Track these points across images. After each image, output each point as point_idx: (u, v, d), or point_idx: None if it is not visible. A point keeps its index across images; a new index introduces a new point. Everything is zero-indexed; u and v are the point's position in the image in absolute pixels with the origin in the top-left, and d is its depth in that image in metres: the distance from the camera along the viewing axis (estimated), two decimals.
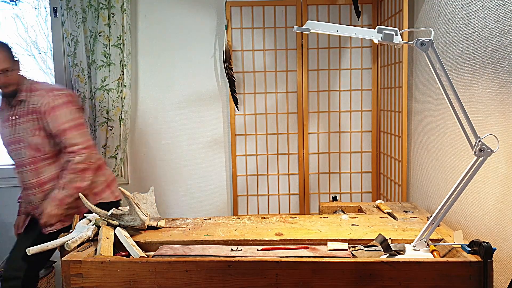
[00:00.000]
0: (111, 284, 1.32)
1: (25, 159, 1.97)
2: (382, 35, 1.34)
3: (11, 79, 1.92)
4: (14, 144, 1.98)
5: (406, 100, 2.21)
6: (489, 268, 1.24)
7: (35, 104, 1.94)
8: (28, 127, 1.94)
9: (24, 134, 1.95)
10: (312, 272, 1.28)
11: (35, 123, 1.94)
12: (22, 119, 1.96)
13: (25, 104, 1.96)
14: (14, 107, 1.98)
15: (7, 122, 1.99)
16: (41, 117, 1.93)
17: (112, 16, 2.59)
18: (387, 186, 2.58)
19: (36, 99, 1.95)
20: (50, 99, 1.94)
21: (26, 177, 2.00)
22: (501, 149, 1.40)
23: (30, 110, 1.95)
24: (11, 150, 2.02)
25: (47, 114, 1.92)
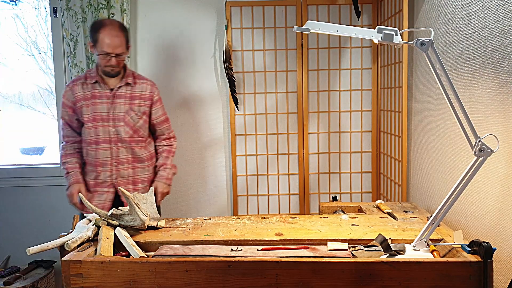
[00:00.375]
0: (111, 284, 1.32)
1: (124, 136, 2.09)
2: (382, 35, 1.34)
3: (121, 63, 2.05)
4: (109, 121, 2.08)
5: (406, 100, 2.21)
6: (489, 268, 1.24)
7: (144, 91, 2.14)
8: (135, 110, 2.10)
9: (124, 114, 2.09)
10: (312, 272, 1.28)
11: (142, 108, 2.13)
12: (127, 100, 2.10)
13: (130, 88, 2.11)
14: (118, 87, 2.09)
15: (104, 98, 2.07)
16: (150, 104, 2.15)
17: (112, 16, 2.59)
18: (387, 186, 2.58)
19: (144, 86, 2.15)
20: (157, 91, 2.20)
21: (119, 153, 2.10)
22: (501, 149, 1.40)
23: (138, 96, 2.12)
24: (100, 126, 2.07)
25: (155, 103, 2.17)
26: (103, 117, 2.08)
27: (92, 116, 2.07)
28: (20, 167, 2.93)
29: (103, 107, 2.08)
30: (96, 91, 2.08)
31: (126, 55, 2.06)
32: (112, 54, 1.98)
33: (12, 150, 3.23)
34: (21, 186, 2.89)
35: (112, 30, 1.97)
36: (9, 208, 2.91)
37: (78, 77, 2.13)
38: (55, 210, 2.90)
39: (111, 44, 1.96)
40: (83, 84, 2.09)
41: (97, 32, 1.98)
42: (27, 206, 2.90)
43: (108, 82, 2.09)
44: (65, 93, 2.12)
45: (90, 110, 2.07)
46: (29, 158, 3.19)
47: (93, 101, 2.07)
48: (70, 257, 1.36)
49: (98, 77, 2.08)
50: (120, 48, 1.99)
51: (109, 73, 2.05)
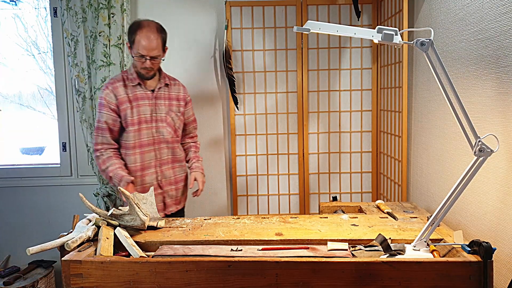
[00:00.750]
0: (111, 284, 1.32)
1: (167, 137, 2.10)
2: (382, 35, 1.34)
3: (156, 65, 2.03)
4: (153, 122, 2.07)
5: (406, 100, 2.21)
6: (489, 268, 1.24)
7: (179, 92, 2.17)
8: (174, 110, 2.13)
9: (166, 115, 2.10)
10: (312, 272, 1.28)
11: (180, 109, 2.16)
12: (166, 101, 2.11)
13: (168, 89, 2.13)
14: (158, 88, 2.08)
15: (146, 100, 2.06)
16: (184, 104, 2.18)
17: (112, 16, 2.59)
18: (387, 186, 2.58)
19: (178, 88, 2.18)
20: (188, 92, 2.24)
21: (162, 153, 2.11)
22: (501, 149, 1.40)
23: (175, 96, 2.14)
24: (144, 128, 2.05)
25: (188, 104, 2.22)
26: (147, 119, 2.05)
27: (138, 118, 2.04)
28: (20, 167, 2.93)
29: (146, 108, 2.05)
30: (138, 92, 2.05)
31: (162, 58, 2.03)
32: (147, 56, 1.94)
33: (12, 150, 3.23)
34: (21, 186, 2.89)
35: (149, 32, 1.93)
36: (9, 208, 2.91)
37: (116, 79, 2.07)
38: (55, 210, 2.90)
39: (147, 47, 1.92)
40: (124, 86, 2.04)
41: (134, 33, 1.94)
42: (27, 206, 2.90)
43: (147, 83, 2.07)
44: (106, 95, 2.02)
45: (135, 113, 2.03)
46: (29, 158, 3.19)
47: (137, 103, 2.04)
48: (70, 257, 1.36)
49: (139, 78, 2.04)
50: (156, 51, 1.96)
51: (143, 76, 2.02)
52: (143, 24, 1.95)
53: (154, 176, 2.10)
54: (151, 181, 2.09)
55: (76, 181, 2.89)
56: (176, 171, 2.18)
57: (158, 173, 2.10)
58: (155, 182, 2.10)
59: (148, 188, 2.03)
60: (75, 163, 2.87)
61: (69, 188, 2.89)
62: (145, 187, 2.07)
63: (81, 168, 2.88)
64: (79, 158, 2.87)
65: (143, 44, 1.92)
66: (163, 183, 2.12)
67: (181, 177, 2.21)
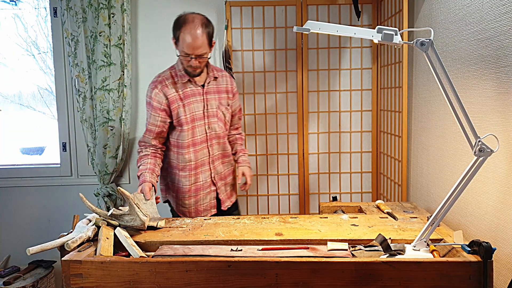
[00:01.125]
0: (111, 284, 1.32)
1: (218, 132, 2.04)
2: (382, 35, 1.34)
3: (203, 63, 1.93)
4: (205, 118, 2.00)
5: (406, 100, 2.21)
6: (489, 268, 1.24)
7: (227, 84, 2.08)
8: (224, 104, 2.05)
9: (216, 110, 2.03)
10: (312, 272, 1.28)
11: (228, 101, 2.08)
12: (216, 95, 2.03)
13: (217, 82, 2.05)
14: (207, 83, 2.01)
15: (198, 96, 1.98)
16: (232, 96, 2.11)
17: (112, 16, 2.59)
18: (387, 186, 2.58)
19: (226, 79, 2.09)
20: (235, 83, 2.15)
21: (214, 150, 2.05)
22: (501, 149, 1.40)
23: (223, 89, 2.06)
24: (197, 126, 1.99)
25: (235, 95, 2.13)
26: (199, 116, 1.98)
27: (191, 116, 1.96)
28: (20, 167, 2.93)
29: (198, 105, 1.98)
30: (189, 89, 1.96)
31: (208, 56, 1.90)
32: (193, 55, 1.85)
33: (12, 150, 3.23)
34: (21, 186, 2.89)
35: (193, 29, 1.80)
36: (9, 208, 2.91)
37: (164, 76, 1.97)
38: (55, 210, 2.90)
39: (192, 45, 1.81)
40: (174, 83, 1.96)
41: (178, 29, 1.84)
42: (27, 206, 2.90)
43: (196, 79, 1.98)
44: (155, 96, 1.94)
45: (187, 111, 1.95)
46: (29, 158, 3.19)
47: (188, 101, 1.96)
48: (70, 257, 1.36)
49: (183, 76, 1.96)
50: (202, 49, 1.84)
51: (190, 74, 1.94)
52: (187, 19, 1.83)
53: (208, 173, 2.05)
54: (205, 178, 2.04)
55: (76, 181, 2.89)
56: (225, 165, 2.14)
57: (211, 170, 2.05)
58: (209, 179, 2.06)
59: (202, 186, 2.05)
60: (75, 163, 2.87)
61: (69, 188, 2.89)
62: (198, 186, 2.04)
63: (81, 168, 2.88)
64: (79, 158, 2.87)
65: (188, 42, 1.81)
66: (216, 179, 2.08)
67: (229, 171, 2.17)
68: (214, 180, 2.08)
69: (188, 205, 2.06)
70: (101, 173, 2.72)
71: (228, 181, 2.17)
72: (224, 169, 2.13)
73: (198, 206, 2.06)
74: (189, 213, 2.07)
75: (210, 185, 2.07)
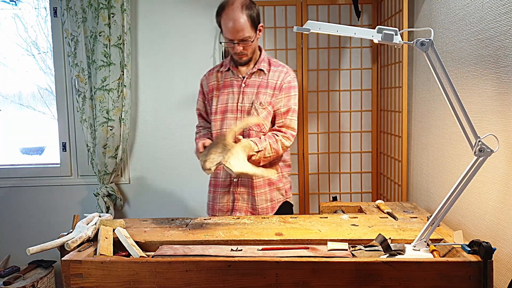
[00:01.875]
0: (111, 284, 1.32)
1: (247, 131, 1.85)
2: (382, 35, 1.34)
3: (249, 49, 1.79)
4: (237, 112, 1.85)
5: (406, 100, 2.21)
6: (489, 268, 1.24)
7: (274, 79, 1.86)
8: (262, 100, 1.84)
9: (250, 105, 1.84)
10: (312, 272, 1.28)
11: (269, 98, 1.85)
12: (256, 89, 1.85)
13: (264, 76, 1.87)
14: (249, 75, 1.86)
15: (235, 87, 1.86)
16: (276, 93, 1.85)
17: (112, 16, 2.59)
18: (387, 186, 2.58)
19: (277, 74, 1.87)
20: (291, 77, 1.88)
21: None
22: (501, 149, 1.40)
23: (268, 84, 1.86)
24: (227, 118, 1.86)
25: (283, 90, 1.85)
26: (232, 108, 1.85)
27: (221, 107, 1.87)
28: (20, 167, 2.93)
29: (233, 97, 1.86)
30: (228, 79, 1.88)
31: (252, 39, 1.75)
32: (235, 40, 1.74)
33: (12, 150, 3.23)
34: (21, 186, 2.89)
35: (232, 12, 1.70)
36: (9, 208, 2.91)
37: (216, 66, 1.96)
38: (55, 210, 2.90)
39: (232, 29, 1.71)
40: (218, 73, 1.90)
41: (219, 15, 1.75)
42: (27, 206, 2.90)
43: (241, 69, 1.87)
44: (202, 82, 1.95)
45: (219, 101, 1.87)
46: (29, 158, 3.19)
47: (223, 91, 1.87)
48: (70, 257, 1.36)
49: (231, 64, 1.88)
50: (243, 32, 1.72)
51: (237, 62, 1.84)
52: (225, 4, 1.73)
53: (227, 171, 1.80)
54: (224, 176, 1.90)
55: (76, 181, 2.89)
56: None
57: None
58: (228, 178, 1.90)
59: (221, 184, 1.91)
60: (75, 163, 2.87)
61: (69, 188, 2.89)
62: (217, 182, 1.93)
63: (81, 168, 2.88)
64: (79, 158, 2.87)
65: (228, 26, 1.71)
66: (237, 183, 1.88)
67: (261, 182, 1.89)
68: (234, 182, 1.90)
69: (208, 199, 2.01)
70: (101, 173, 2.72)
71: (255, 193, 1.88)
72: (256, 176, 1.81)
73: (214, 204, 1.96)
74: (208, 208, 2.00)
75: (229, 186, 1.91)
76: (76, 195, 2.89)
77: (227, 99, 1.87)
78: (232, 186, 1.91)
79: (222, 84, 1.89)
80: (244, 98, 1.85)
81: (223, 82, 1.89)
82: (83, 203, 2.89)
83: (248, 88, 1.85)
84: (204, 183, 2.87)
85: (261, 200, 1.90)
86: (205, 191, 2.88)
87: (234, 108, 1.85)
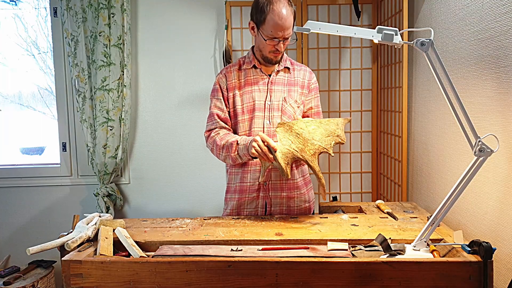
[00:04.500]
0: (111, 284, 1.32)
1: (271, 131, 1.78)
2: (382, 35, 1.34)
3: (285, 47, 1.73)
4: (267, 110, 1.78)
5: (406, 100, 2.21)
6: (489, 268, 1.24)
7: (301, 78, 1.84)
8: (294, 97, 1.81)
9: (282, 103, 1.78)
10: (312, 272, 1.28)
11: (299, 97, 1.82)
12: (285, 87, 1.80)
13: (289, 74, 1.83)
14: (276, 72, 1.80)
15: (261, 85, 1.79)
16: (305, 92, 1.84)
17: (112, 16, 2.59)
18: (387, 186, 2.58)
19: (302, 73, 1.85)
20: (315, 78, 1.89)
21: None
22: (501, 149, 1.40)
23: (295, 82, 1.82)
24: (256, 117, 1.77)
25: (312, 90, 1.86)
26: (260, 107, 1.78)
27: (248, 106, 1.78)
28: (20, 167, 2.93)
29: (260, 94, 1.78)
30: (252, 77, 1.80)
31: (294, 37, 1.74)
32: (280, 38, 1.66)
33: (12, 150, 3.23)
34: (21, 186, 2.89)
35: (283, 8, 1.62)
36: (9, 208, 2.91)
37: (232, 64, 1.86)
38: (55, 210, 2.90)
39: (282, 26, 1.62)
40: (239, 70, 1.82)
41: (263, 11, 1.64)
42: (27, 206, 2.90)
43: (266, 68, 1.81)
44: (218, 80, 1.83)
45: (245, 100, 1.78)
46: (29, 158, 3.20)
47: (247, 89, 1.79)
48: (70, 257, 1.36)
49: (256, 61, 1.80)
50: (290, 30, 1.65)
51: (271, 61, 1.75)
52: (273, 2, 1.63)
53: (257, 174, 1.79)
54: (253, 180, 1.80)
55: (76, 181, 2.89)
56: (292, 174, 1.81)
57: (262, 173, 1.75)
58: (257, 182, 1.80)
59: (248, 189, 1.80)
60: (75, 163, 2.88)
61: (69, 188, 2.89)
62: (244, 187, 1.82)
63: (81, 168, 2.88)
64: (79, 158, 2.87)
65: (278, 23, 1.62)
66: (268, 186, 1.80)
67: (297, 183, 1.83)
68: (264, 186, 1.80)
69: (229, 206, 1.86)
70: (101, 173, 2.72)
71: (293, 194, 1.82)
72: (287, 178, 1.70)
73: (240, 210, 1.84)
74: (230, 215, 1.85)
75: (258, 190, 1.81)
76: (76, 195, 2.89)
77: (252, 97, 1.78)
78: (262, 191, 1.82)
79: (244, 82, 1.80)
80: (272, 95, 1.79)
81: (245, 79, 1.80)
82: (83, 203, 2.89)
83: (275, 85, 1.80)
84: (204, 183, 2.88)
85: (300, 201, 1.85)
86: (205, 191, 2.89)
87: (262, 106, 1.78)
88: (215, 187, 2.88)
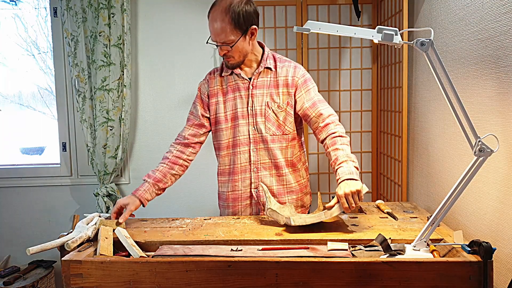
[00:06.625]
0: (111, 284, 1.32)
1: (266, 136, 1.73)
2: (382, 35, 1.34)
3: (236, 52, 1.65)
4: (250, 117, 1.73)
5: (406, 100, 2.21)
6: (489, 268, 1.24)
7: (284, 75, 1.73)
8: (277, 101, 1.72)
9: (265, 107, 1.72)
10: (312, 272, 1.28)
11: (285, 98, 1.72)
12: (267, 90, 1.72)
13: (272, 74, 1.74)
14: (257, 75, 1.73)
15: (243, 91, 1.73)
16: (291, 91, 1.73)
17: (112, 16, 2.59)
18: (387, 186, 2.58)
19: (285, 70, 1.74)
20: (302, 70, 1.76)
21: (259, 156, 1.75)
22: (501, 149, 1.40)
23: (278, 83, 1.73)
24: (239, 125, 1.74)
25: (300, 86, 1.73)
26: (243, 113, 1.73)
27: (231, 113, 1.74)
28: (20, 167, 2.93)
29: (242, 101, 1.73)
30: (233, 83, 1.74)
31: (233, 43, 1.62)
32: (218, 43, 1.65)
33: (12, 150, 3.23)
34: (21, 186, 2.89)
35: (213, 15, 1.63)
36: (9, 208, 2.91)
37: (215, 68, 1.81)
38: (55, 210, 2.90)
39: (212, 32, 1.65)
40: (221, 77, 1.77)
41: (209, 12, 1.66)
42: (27, 206, 2.90)
43: (246, 71, 1.74)
44: (201, 86, 1.80)
45: (228, 107, 1.74)
46: (29, 158, 3.20)
47: (229, 96, 1.74)
48: (70, 257, 1.36)
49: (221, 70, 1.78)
50: (223, 36, 1.62)
51: (226, 64, 1.71)
52: (214, 3, 1.65)
53: (247, 182, 1.77)
54: (244, 188, 1.78)
55: (76, 181, 2.89)
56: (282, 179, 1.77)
57: (252, 179, 1.76)
58: (248, 189, 1.78)
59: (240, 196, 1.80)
60: (75, 163, 2.88)
61: (69, 188, 2.89)
62: (236, 195, 1.81)
63: (81, 168, 2.88)
64: (79, 158, 2.87)
65: (210, 29, 1.66)
66: (259, 193, 1.78)
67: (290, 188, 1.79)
68: (255, 192, 1.78)
69: (224, 214, 1.87)
70: (101, 173, 2.72)
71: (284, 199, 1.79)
72: (273, 184, 1.76)
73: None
74: None
75: (250, 197, 1.79)
76: (76, 195, 2.89)
77: (235, 104, 1.74)
78: (254, 198, 1.80)
79: (226, 89, 1.76)
80: (254, 101, 1.72)
81: (227, 86, 1.76)
82: (83, 203, 2.89)
83: (257, 89, 1.73)
84: (204, 183, 2.88)
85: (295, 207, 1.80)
86: (205, 190, 2.89)
87: (245, 113, 1.73)
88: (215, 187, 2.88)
